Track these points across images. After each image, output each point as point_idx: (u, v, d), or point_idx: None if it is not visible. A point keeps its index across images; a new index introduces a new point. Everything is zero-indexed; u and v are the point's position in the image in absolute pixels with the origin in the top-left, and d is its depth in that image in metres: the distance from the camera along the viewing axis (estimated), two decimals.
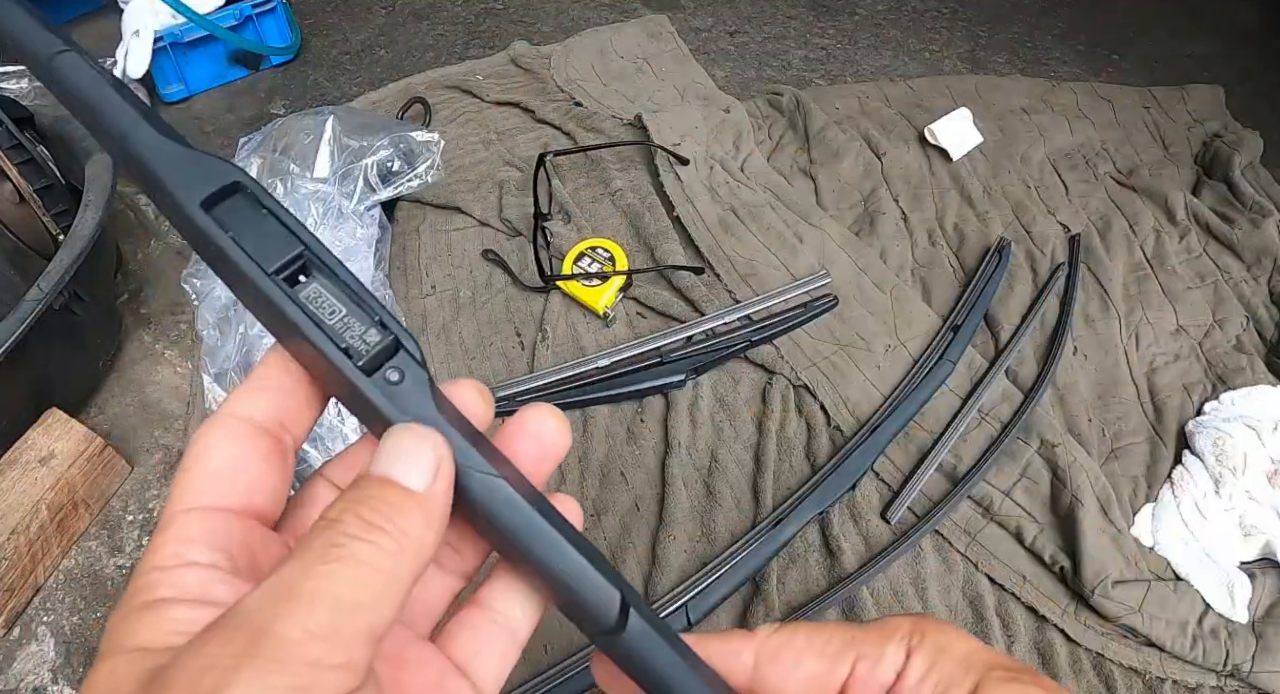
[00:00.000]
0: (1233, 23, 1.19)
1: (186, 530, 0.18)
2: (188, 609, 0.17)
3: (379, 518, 0.17)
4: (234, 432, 0.20)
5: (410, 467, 0.18)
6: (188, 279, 0.79)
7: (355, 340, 0.20)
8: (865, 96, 1.04)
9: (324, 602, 0.16)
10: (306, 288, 0.20)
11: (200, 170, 0.19)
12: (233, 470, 0.20)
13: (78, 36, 1.20)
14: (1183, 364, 0.77)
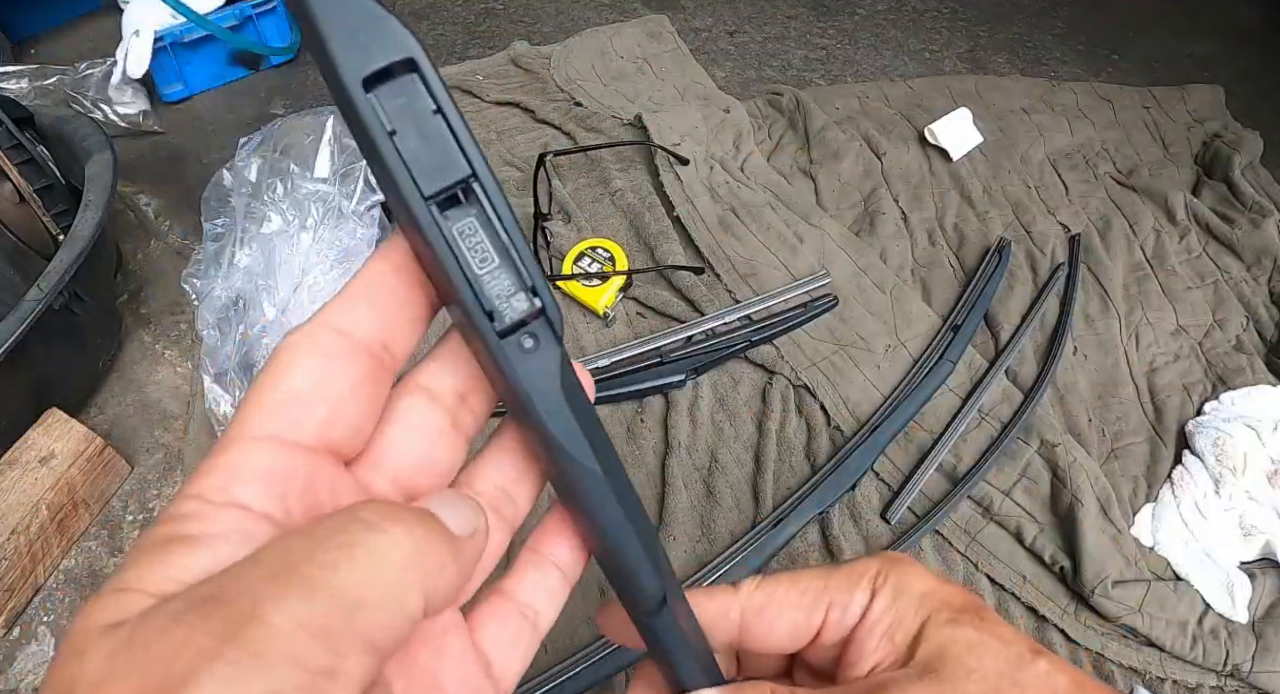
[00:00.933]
0: (1233, 23, 1.19)
1: (244, 460, 0.16)
2: (210, 556, 0.15)
3: (407, 516, 0.15)
4: (326, 346, 0.17)
5: (453, 514, 0.17)
6: (188, 279, 0.79)
7: (501, 302, 0.17)
8: (865, 96, 1.04)
9: (325, 594, 0.13)
10: (461, 220, 0.17)
11: (374, 34, 0.15)
12: (314, 395, 0.17)
13: (77, 36, 1.21)
14: (1183, 364, 0.77)
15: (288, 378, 0.17)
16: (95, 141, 0.78)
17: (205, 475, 0.16)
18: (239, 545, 0.15)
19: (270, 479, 0.16)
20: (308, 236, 0.77)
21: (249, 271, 0.75)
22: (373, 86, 0.16)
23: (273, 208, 0.78)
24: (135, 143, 1.03)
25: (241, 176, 0.82)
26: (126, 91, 1.02)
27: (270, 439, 0.16)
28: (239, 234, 0.78)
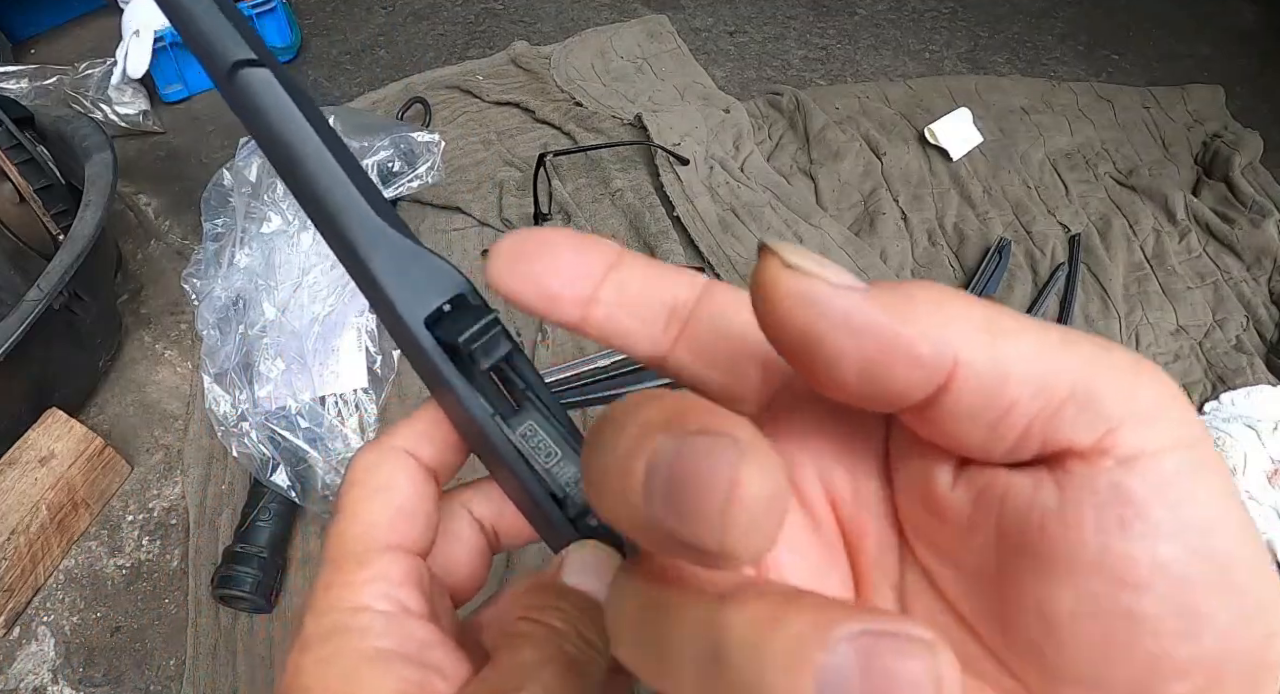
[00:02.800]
0: (1233, 23, 1.19)
1: (393, 571, 0.17)
2: (415, 670, 0.16)
3: (592, 633, 0.17)
4: (412, 467, 0.19)
5: (604, 588, 0.18)
6: (188, 279, 0.79)
7: (570, 488, 0.19)
8: (865, 96, 1.04)
9: None
10: (522, 424, 0.19)
11: (424, 274, 0.18)
12: (416, 512, 0.18)
13: (77, 36, 1.21)
14: (1183, 364, 0.77)
15: (390, 495, 0.18)
16: (95, 141, 0.78)
17: (359, 587, 0.17)
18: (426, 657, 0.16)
19: (415, 584, 0.17)
20: (308, 237, 0.77)
21: (249, 271, 0.75)
22: (434, 325, 0.18)
23: (273, 208, 0.78)
24: (135, 143, 1.03)
25: (241, 176, 0.82)
26: (126, 91, 1.02)
27: (400, 549, 0.18)
28: (239, 234, 0.78)
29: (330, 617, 0.16)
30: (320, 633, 0.16)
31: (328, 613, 0.16)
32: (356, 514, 0.18)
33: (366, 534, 0.18)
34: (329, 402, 0.70)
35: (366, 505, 0.18)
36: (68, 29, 1.22)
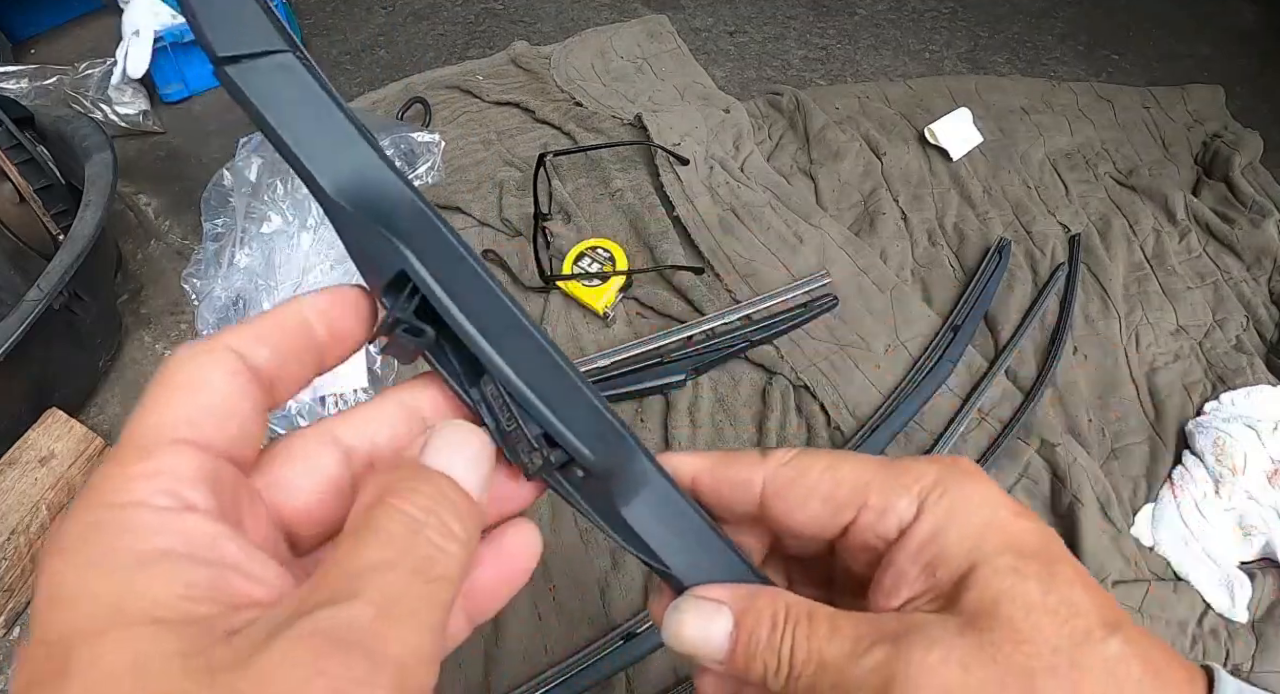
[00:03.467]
0: (1233, 23, 1.19)
1: (178, 465, 0.16)
2: (204, 569, 0.15)
3: (459, 526, 0.16)
4: (232, 369, 0.18)
5: (473, 473, 0.17)
6: (188, 279, 0.79)
7: (530, 452, 0.20)
8: (865, 96, 1.04)
9: (429, 626, 0.15)
10: (487, 386, 0.20)
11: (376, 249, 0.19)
12: (227, 412, 0.17)
13: (77, 36, 1.20)
14: (1183, 364, 0.76)
15: (200, 392, 0.17)
16: (95, 141, 0.78)
17: (139, 481, 0.15)
18: (218, 554, 0.15)
19: (208, 481, 0.16)
20: (308, 236, 0.77)
21: (249, 271, 0.75)
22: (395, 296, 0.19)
23: (273, 208, 0.78)
24: (135, 143, 1.03)
25: (241, 176, 0.82)
26: (126, 91, 1.02)
27: (194, 444, 0.16)
28: (239, 234, 0.78)
29: (96, 513, 0.15)
30: (81, 532, 0.14)
31: (94, 509, 0.15)
32: (154, 408, 0.17)
33: (157, 427, 0.16)
34: (329, 401, 0.70)
35: (166, 398, 0.17)
36: (68, 29, 1.21)
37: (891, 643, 0.18)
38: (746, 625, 0.21)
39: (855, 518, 0.21)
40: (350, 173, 0.19)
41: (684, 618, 0.21)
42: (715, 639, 0.21)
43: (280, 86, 0.19)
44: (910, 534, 0.20)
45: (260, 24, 0.18)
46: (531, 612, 0.61)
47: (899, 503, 0.20)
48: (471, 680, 0.59)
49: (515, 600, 0.63)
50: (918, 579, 0.20)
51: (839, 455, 0.22)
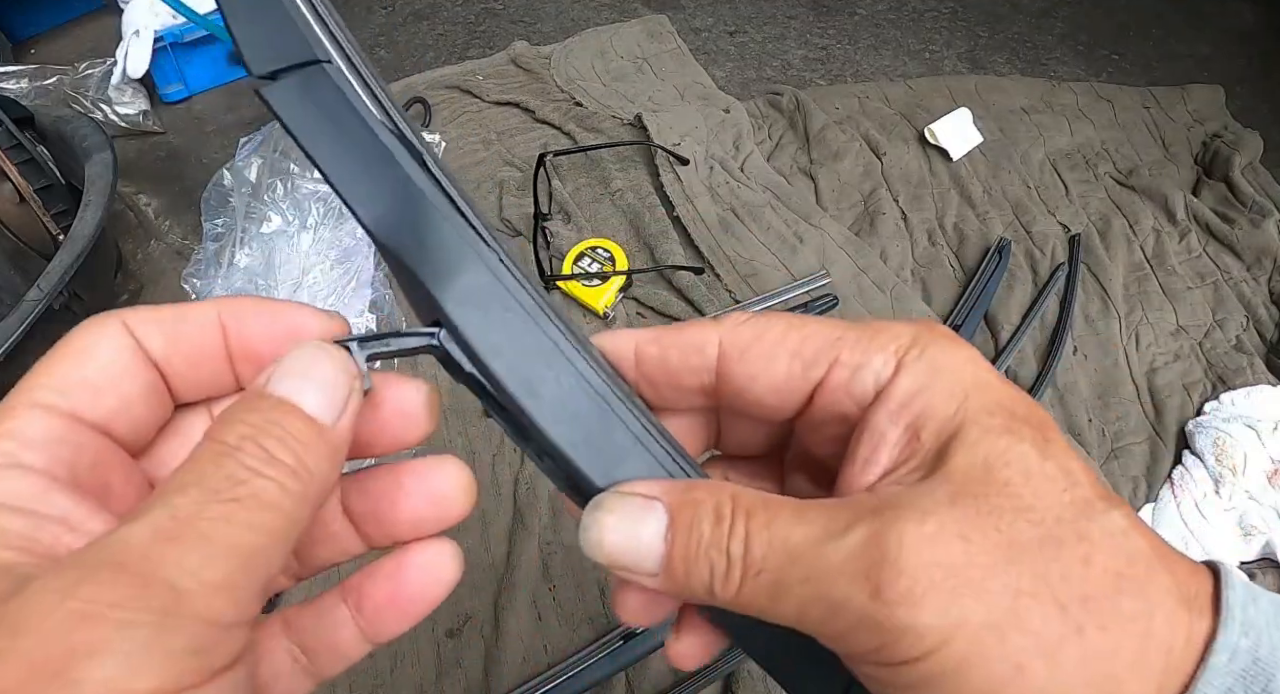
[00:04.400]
0: (1233, 23, 1.19)
1: (25, 428, 0.16)
2: (20, 519, 0.15)
3: (284, 452, 0.15)
4: (120, 344, 0.17)
5: (321, 395, 0.16)
6: (188, 279, 0.79)
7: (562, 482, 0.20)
8: (865, 96, 1.04)
9: (223, 548, 0.13)
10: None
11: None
12: (106, 383, 0.17)
13: (77, 36, 1.20)
14: (1183, 364, 0.76)
15: (80, 361, 0.17)
16: (95, 141, 0.78)
17: None
18: (40, 507, 0.15)
19: (55, 445, 0.16)
20: (308, 236, 0.77)
21: (249, 271, 0.75)
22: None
23: (273, 208, 0.78)
24: (135, 143, 1.03)
25: (241, 176, 0.82)
26: (126, 91, 1.02)
27: (51, 408, 0.16)
28: (239, 234, 0.78)
29: None
30: None
31: None
32: (37, 370, 0.16)
33: (28, 390, 0.16)
34: None
35: (49, 363, 0.16)
36: (68, 29, 1.21)
37: (873, 519, 0.16)
38: (684, 520, 0.17)
39: (825, 377, 0.18)
40: (388, 204, 0.17)
41: (606, 520, 0.18)
42: (647, 542, 0.17)
43: (317, 105, 0.17)
44: (889, 392, 0.17)
45: (299, 29, 0.17)
46: (531, 612, 0.61)
47: (874, 360, 0.18)
48: (471, 680, 0.59)
49: (515, 600, 0.63)
50: (898, 443, 0.17)
51: (801, 316, 0.19)
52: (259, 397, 0.16)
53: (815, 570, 0.16)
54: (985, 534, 0.15)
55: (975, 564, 0.15)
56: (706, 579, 0.17)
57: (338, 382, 0.16)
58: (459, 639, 0.61)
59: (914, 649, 0.15)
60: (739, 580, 0.17)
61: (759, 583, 0.16)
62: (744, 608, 0.17)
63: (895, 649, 0.15)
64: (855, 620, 0.15)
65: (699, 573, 0.17)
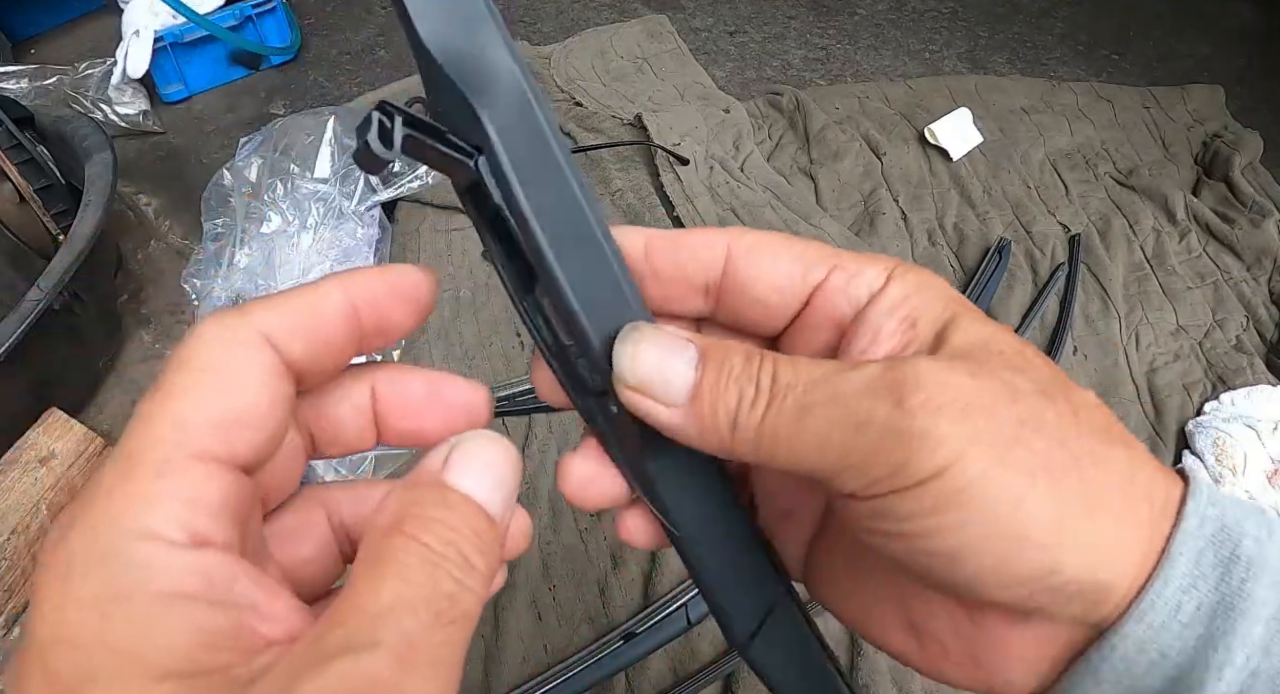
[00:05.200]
0: (1233, 23, 1.19)
1: (199, 490, 0.14)
2: (218, 615, 0.14)
3: (480, 560, 0.15)
4: (267, 362, 0.16)
5: (500, 495, 0.16)
6: (188, 279, 0.79)
7: (585, 372, 0.19)
8: (865, 96, 1.04)
9: (448, 668, 0.14)
10: (543, 298, 0.19)
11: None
12: (257, 418, 0.15)
13: (77, 36, 1.21)
14: (1183, 364, 0.76)
15: (233, 391, 0.15)
16: (95, 141, 0.78)
17: (150, 505, 0.13)
18: (231, 596, 0.14)
19: (228, 507, 0.14)
20: (308, 236, 0.77)
21: (249, 271, 0.75)
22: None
23: (273, 208, 0.78)
24: (135, 143, 1.03)
25: (241, 176, 0.82)
26: (126, 91, 1.02)
27: (217, 462, 0.14)
28: (239, 234, 0.78)
29: (104, 538, 0.13)
30: (86, 559, 0.13)
31: (101, 533, 0.13)
32: (175, 404, 0.14)
33: (179, 433, 0.14)
34: None
35: (193, 395, 0.14)
36: (68, 29, 1.22)
37: (888, 360, 0.17)
38: (715, 356, 0.18)
39: (825, 280, 0.19)
40: (451, 17, 0.16)
41: (641, 344, 0.18)
42: (679, 369, 0.18)
43: None
44: (883, 295, 0.19)
45: None
46: (531, 612, 0.61)
47: (868, 270, 0.19)
48: (471, 680, 0.59)
49: (515, 600, 0.63)
50: (896, 332, 0.19)
51: (799, 237, 0.21)
52: (444, 489, 0.16)
53: (839, 392, 0.17)
54: (989, 378, 0.17)
55: (984, 394, 0.16)
56: (733, 408, 0.17)
57: (509, 475, 0.16)
58: None
59: (932, 461, 0.16)
60: (764, 406, 0.17)
61: (784, 408, 0.17)
62: (765, 447, 0.17)
63: (914, 465, 0.16)
64: (878, 435, 0.16)
65: (727, 401, 0.17)
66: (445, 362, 0.78)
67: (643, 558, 0.65)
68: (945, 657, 0.20)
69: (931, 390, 0.16)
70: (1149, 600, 0.17)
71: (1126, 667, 0.17)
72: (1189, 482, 0.18)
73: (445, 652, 0.14)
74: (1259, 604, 0.16)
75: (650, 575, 0.63)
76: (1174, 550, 0.17)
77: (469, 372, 0.77)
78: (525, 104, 0.17)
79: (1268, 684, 0.16)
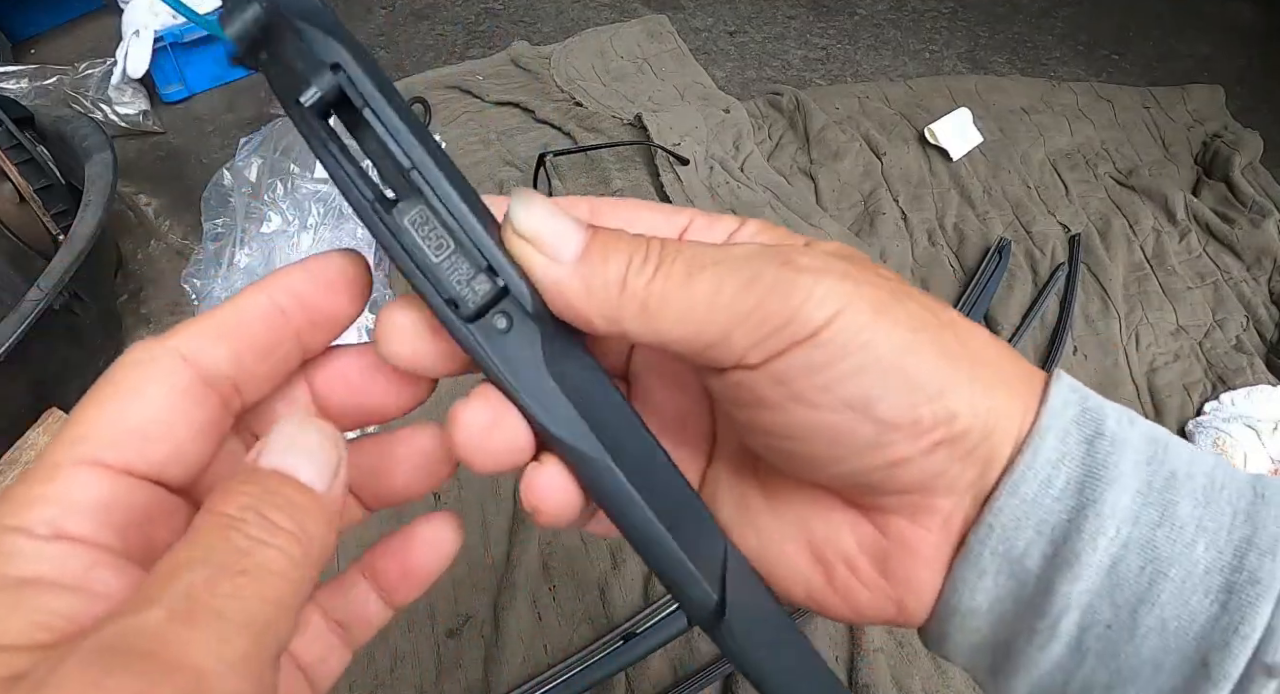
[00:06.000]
0: (1233, 23, 1.19)
1: (71, 491, 0.15)
2: (66, 598, 0.14)
3: (285, 519, 0.15)
4: (177, 380, 0.16)
5: (312, 465, 0.16)
6: (188, 279, 0.79)
7: (461, 287, 0.17)
8: (865, 96, 1.04)
9: (238, 625, 0.13)
10: (410, 211, 0.17)
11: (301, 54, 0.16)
12: (158, 431, 0.16)
13: (77, 36, 1.20)
14: (1183, 364, 0.76)
15: (130, 406, 0.16)
16: (95, 141, 0.78)
17: (26, 506, 0.15)
18: (89, 582, 0.15)
19: (106, 509, 0.15)
20: (308, 236, 0.77)
21: (249, 271, 0.75)
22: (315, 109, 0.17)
23: (273, 208, 0.79)
24: (135, 143, 1.03)
25: (241, 176, 0.82)
26: (126, 91, 1.02)
27: (104, 467, 0.15)
28: (239, 234, 0.78)
29: None
30: None
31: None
32: (81, 418, 0.16)
33: (74, 445, 0.15)
34: None
35: (96, 409, 0.16)
36: (68, 29, 1.21)
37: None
38: (604, 230, 0.18)
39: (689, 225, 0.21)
40: None
41: (534, 202, 0.18)
42: (571, 225, 0.18)
43: None
44: (740, 232, 0.21)
45: None
46: (531, 612, 0.61)
47: (723, 218, 0.21)
48: (471, 680, 0.59)
49: (515, 600, 0.63)
50: None
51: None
52: (253, 471, 0.16)
53: (728, 255, 0.18)
54: (858, 265, 0.18)
55: (857, 271, 0.18)
56: (623, 268, 0.17)
57: (326, 450, 0.16)
58: (459, 639, 0.61)
59: (821, 310, 0.17)
60: (654, 268, 0.17)
61: (673, 270, 0.17)
62: (652, 310, 0.17)
63: (804, 315, 0.17)
64: (767, 289, 0.17)
65: (617, 261, 0.18)
66: None
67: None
68: (854, 576, 0.20)
69: (813, 257, 0.17)
70: (1020, 472, 0.17)
71: (1006, 548, 0.18)
72: (1050, 365, 0.19)
73: (232, 603, 0.14)
74: (1125, 476, 0.17)
75: (650, 575, 0.63)
76: (1042, 424, 0.18)
77: None
78: (349, 35, 0.17)
79: (1138, 553, 0.17)
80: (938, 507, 0.19)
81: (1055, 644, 0.18)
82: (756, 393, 0.18)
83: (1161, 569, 0.17)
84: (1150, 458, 0.18)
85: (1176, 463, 0.18)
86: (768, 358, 0.17)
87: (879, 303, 0.17)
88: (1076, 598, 0.17)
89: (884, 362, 0.17)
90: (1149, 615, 0.17)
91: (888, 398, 0.17)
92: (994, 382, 0.18)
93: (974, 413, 0.17)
